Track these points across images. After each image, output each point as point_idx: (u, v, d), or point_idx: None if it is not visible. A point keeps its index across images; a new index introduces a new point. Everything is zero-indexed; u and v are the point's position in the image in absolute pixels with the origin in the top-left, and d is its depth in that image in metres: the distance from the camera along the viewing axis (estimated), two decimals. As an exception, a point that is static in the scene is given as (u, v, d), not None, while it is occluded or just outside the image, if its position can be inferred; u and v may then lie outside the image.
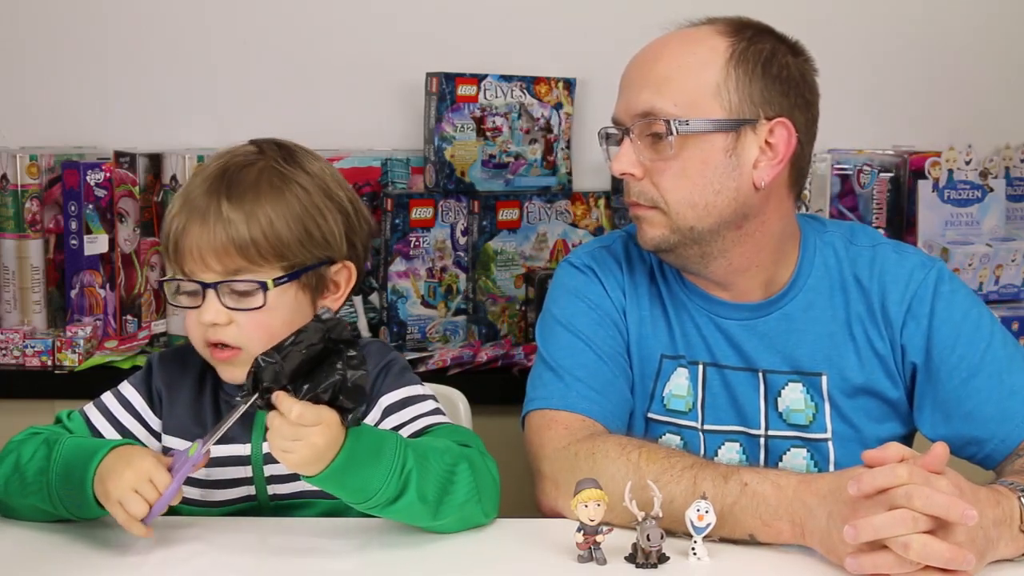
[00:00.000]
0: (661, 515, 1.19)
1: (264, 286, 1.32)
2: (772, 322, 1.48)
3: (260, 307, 1.33)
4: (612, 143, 1.48)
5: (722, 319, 1.49)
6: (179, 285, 1.35)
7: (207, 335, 1.34)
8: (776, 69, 1.41)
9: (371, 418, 1.40)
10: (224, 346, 1.34)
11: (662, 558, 1.20)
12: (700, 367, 1.49)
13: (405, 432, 1.36)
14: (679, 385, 1.49)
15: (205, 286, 1.32)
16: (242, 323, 1.33)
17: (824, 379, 1.47)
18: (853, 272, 1.49)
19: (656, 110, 1.40)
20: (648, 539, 1.18)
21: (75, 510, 1.26)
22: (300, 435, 1.16)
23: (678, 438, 1.49)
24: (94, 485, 1.22)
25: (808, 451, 1.47)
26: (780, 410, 1.48)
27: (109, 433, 1.39)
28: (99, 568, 1.21)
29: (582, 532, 1.20)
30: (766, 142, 1.41)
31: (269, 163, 1.36)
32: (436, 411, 1.40)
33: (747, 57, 1.40)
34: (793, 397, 1.47)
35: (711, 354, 1.49)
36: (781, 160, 1.41)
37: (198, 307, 1.33)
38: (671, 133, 1.39)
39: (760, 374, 1.48)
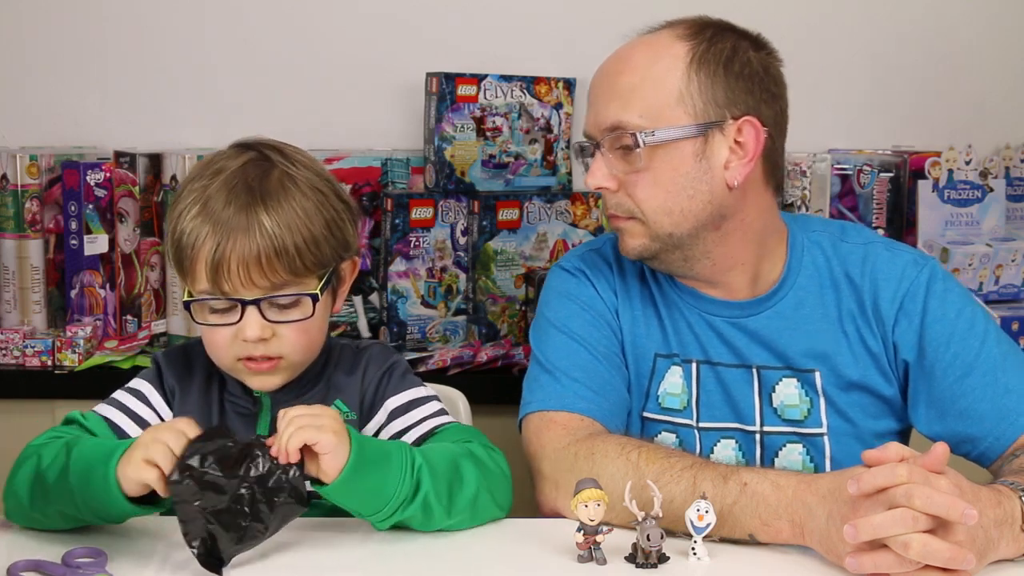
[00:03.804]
0: (661, 515, 1.19)
1: (315, 297, 1.32)
2: (763, 320, 1.49)
3: (309, 317, 1.32)
4: (586, 156, 1.49)
5: (713, 317, 1.50)
6: (210, 305, 1.31)
7: (247, 351, 1.32)
8: (738, 67, 1.41)
9: (376, 421, 1.41)
10: (263, 357, 1.32)
11: (662, 558, 1.20)
12: (694, 365, 1.50)
13: (413, 433, 1.37)
14: (673, 383, 1.50)
15: (245, 303, 1.29)
16: (285, 335, 1.32)
17: (817, 375, 1.47)
18: (844, 270, 1.50)
19: (623, 123, 1.40)
20: (648, 539, 1.18)
21: (100, 511, 1.23)
22: (319, 411, 1.20)
23: (674, 436, 1.49)
24: (118, 477, 1.18)
25: (804, 447, 1.47)
26: (775, 406, 1.48)
27: (131, 429, 1.37)
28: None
29: (582, 532, 1.20)
30: (735, 141, 1.41)
31: (279, 167, 1.33)
32: (441, 412, 1.41)
33: (708, 59, 1.40)
34: (787, 392, 1.48)
35: (704, 352, 1.50)
36: (752, 158, 1.42)
37: (233, 324, 1.30)
38: (639, 145, 1.39)
39: (754, 370, 1.49)
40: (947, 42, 2.44)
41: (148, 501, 1.21)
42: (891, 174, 2.27)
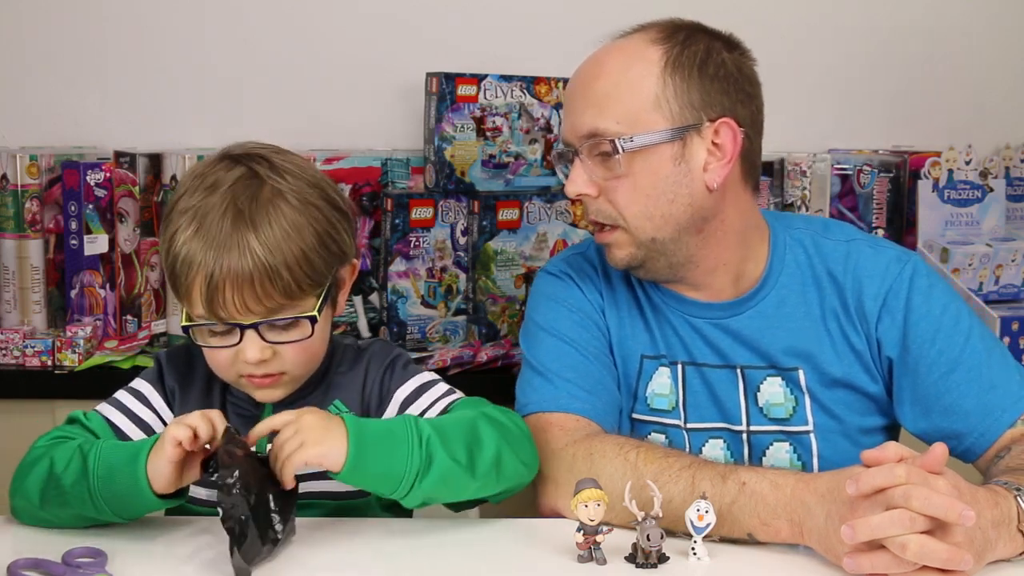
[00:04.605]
0: (661, 515, 1.19)
1: (313, 319, 1.31)
2: (745, 320, 1.49)
3: (309, 336, 1.32)
4: (565, 162, 1.49)
5: (696, 319, 1.50)
6: (209, 328, 1.31)
7: (248, 370, 1.32)
8: (712, 69, 1.41)
9: (388, 413, 1.42)
10: (265, 375, 1.33)
11: (662, 558, 1.20)
12: (679, 366, 1.50)
13: (428, 417, 1.37)
14: (662, 384, 1.50)
15: (244, 327, 1.29)
16: (286, 353, 1.32)
17: (801, 373, 1.48)
18: (826, 267, 1.50)
19: (600, 130, 1.41)
20: (648, 539, 1.18)
21: (124, 511, 1.25)
22: (296, 426, 1.20)
23: (663, 437, 1.50)
24: (149, 472, 1.21)
25: (791, 444, 1.48)
26: (760, 405, 1.48)
27: (131, 430, 1.39)
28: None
29: (582, 532, 1.20)
30: (713, 143, 1.41)
31: (268, 184, 1.31)
32: (450, 391, 1.42)
33: (682, 62, 1.40)
34: (772, 391, 1.48)
35: (689, 353, 1.50)
36: (730, 159, 1.42)
37: (233, 346, 1.30)
38: (618, 151, 1.39)
39: (738, 370, 1.49)
40: (947, 42, 2.44)
41: (171, 496, 1.24)
42: (891, 174, 2.27)
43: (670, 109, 1.40)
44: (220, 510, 1.15)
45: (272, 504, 1.20)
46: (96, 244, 2.02)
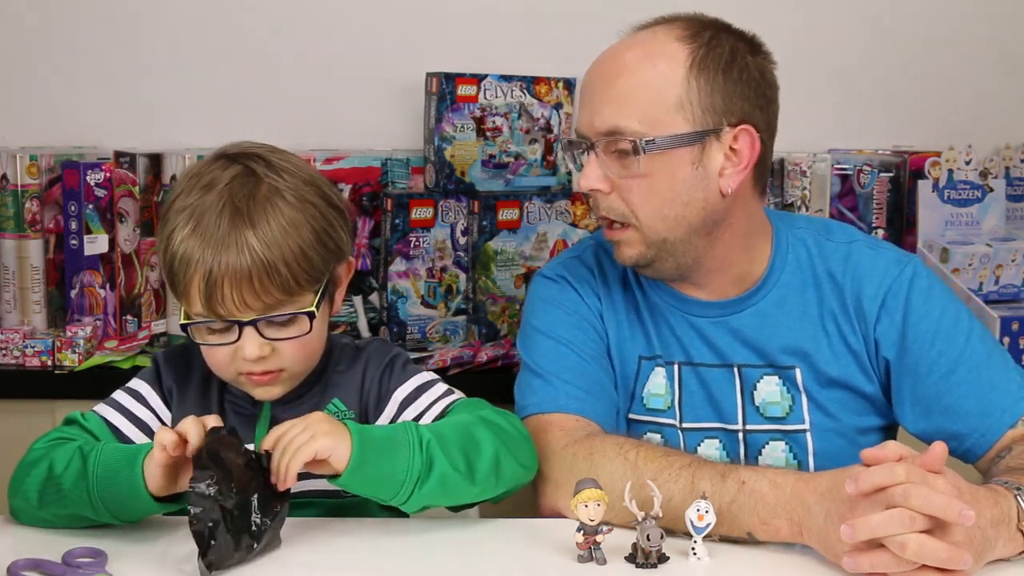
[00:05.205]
0: (661, 515, 1.19)
1: (311, 315, 1.32)
2: (745, 318, 1.49)
3: (307, 333, 1.32)
4: (576, 151, 1.47)
5: (695, 317, 1.50)
6: (207, 326, 1.31)
7: (247, 367, 1.32)
8: (737, 72, 1.40)
9: (387, 413, 1.42)
10: (264, 372, 1.33)
11: (662, 558, 1.20)
12: (676, 367, 1.50)
13: (427, 418, 1.38)
14: (657, 384, 1.50)
15: (242, 324, 1.29)
16: (285, 350, 1.32)
17: (798, 372, 1.48)
18: (826, 268, 1.50)
19: (621, 128, 1.39)
20: (648, 539, 1.18)
21: (123, 514, 1.26)
22: (306, 422, 1.21)
23: (659, 436, 1.50)
24: (145, 477, 1.21)
25: (787, 444, 1.48)
26: (757, 404, 1.48)
27: (129, 430, 1.39)
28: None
29: (582, 532, 1.20)
30: (730, 148, 1.40)
31: (265, 182, 1.31)
32: (448, 392, 1.42)
33: (707, 64, 1.39)
34: (769, 390, 1.48)
35: (686, 353, 1.50)
36: (746, 165, 1.41)
37: (232, 343, 1.31)
38: (638, 152, 1.38)
39: (735, 369, 1.49)
40: (947, 42, 2.44)
41: (170, 500, 1.24)
42: (891, 174, 2.27)
43: (692, 112, 1.38)
44: (189, 511, 1.14)
45: (255, 510, 1.19)
46: (96, 244, 2.02)
